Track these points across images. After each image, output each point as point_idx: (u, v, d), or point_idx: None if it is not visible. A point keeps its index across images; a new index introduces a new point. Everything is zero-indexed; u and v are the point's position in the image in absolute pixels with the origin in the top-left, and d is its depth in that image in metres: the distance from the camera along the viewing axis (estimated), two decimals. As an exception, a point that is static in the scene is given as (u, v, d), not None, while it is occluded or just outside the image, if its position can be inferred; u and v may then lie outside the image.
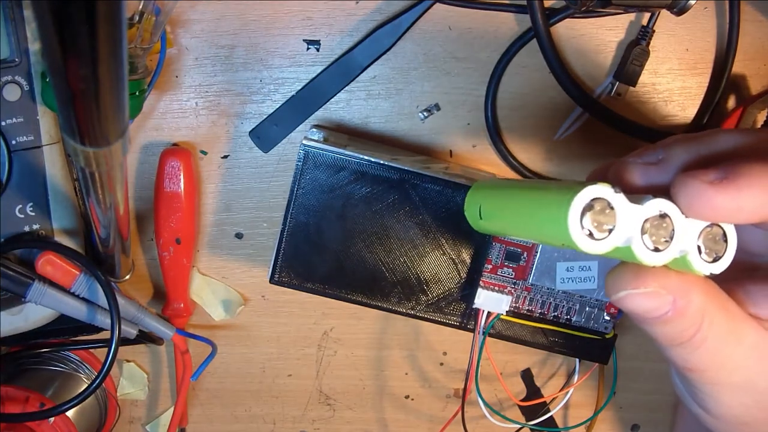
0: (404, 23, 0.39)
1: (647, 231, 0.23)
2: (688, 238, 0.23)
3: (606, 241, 0.22)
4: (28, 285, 0.37)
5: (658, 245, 0.23)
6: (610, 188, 0.22)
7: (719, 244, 0.23)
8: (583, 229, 0.22)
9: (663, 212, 0.23)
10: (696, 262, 0.23)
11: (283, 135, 0.41)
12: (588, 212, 0.22)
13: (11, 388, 0.40)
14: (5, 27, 0.35)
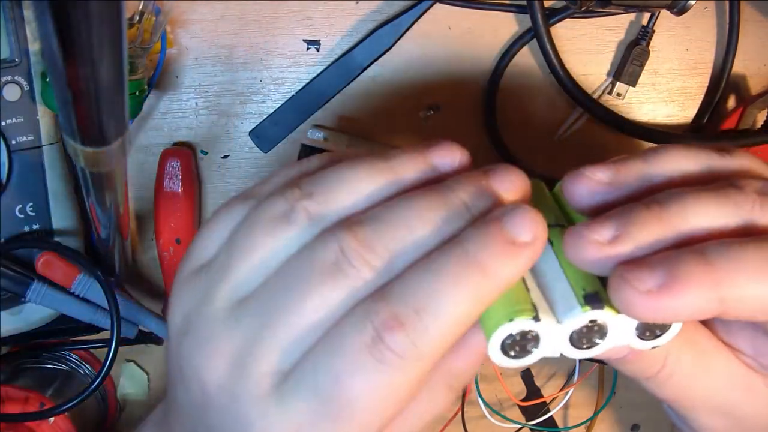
0: (404, 23, 0.39)
1: (575, 340, 0.22)
2: (624, 328, 0.22)
3: (531, 357, 0.22)
4: (28, 285, 0.37)
5: (590, 345, 0.22)
6: (529, 320, 0.21)
7: (660, 325, 0.22)
8: (507, 355, 0.22)
9: (591, 321, 0.22)
10: (636, 344, 0.22)
11: (283, 135, 0.41)
12: (509, 341, 0.22)
13: (11, 388, 0.40)
14: (5, 27, 0.35)
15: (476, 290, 0.21)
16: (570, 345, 0.22)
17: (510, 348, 0.22)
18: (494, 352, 0.22)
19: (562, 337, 0.22)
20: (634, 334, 0.22)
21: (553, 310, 0.22)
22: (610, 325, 0.22)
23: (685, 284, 0.20)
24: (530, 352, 0.22)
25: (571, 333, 0.22)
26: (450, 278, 0.21)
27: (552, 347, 0.22)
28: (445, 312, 0.20)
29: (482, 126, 0.42)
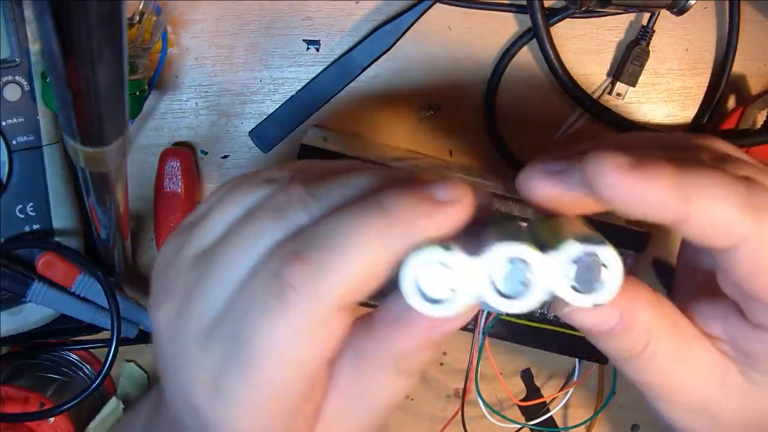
0: (404, 23, 0.39)
1: (498, 280, 0.20)
2: (553, 274, 0.20)
3: (451, 303, 0.20)
4: (29, 285, 0.38)
5: (515, 293, 0.20)
6: (439, 248, 0.20)
7: (596, 272, 0.20)
8: (424, 298, 0.20)
9: (514, 257, 0.20)
10: (570, 297, 0.20)
11: (283, 135, 0.41)
12: (424, 279, 0.20)
13: (11, 388, 0.40)
14: (6, 27, 0.35)
15: (383, 235, 0.20)
16: (493, 290, 0.20)
17: (426, 287, 0.20)
18: (411, 294, 0.20)
19: (482, 277, 0.20)
20: (566, 284, 0.20)
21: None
22: (535, 267, 0.20)
23: (655, 169, 0.20)
24: (449, 297, 0.20)
25: (491, 271, 0.20)
26: (358, 221, 0.21)
27: (473, 289, 0.20)
28: (347, 251, 0.20)
29: (482, 126, 0.42)
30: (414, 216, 0.20)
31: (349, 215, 0.21)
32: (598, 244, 0.20)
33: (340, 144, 0.38)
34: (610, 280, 0.20)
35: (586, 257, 0.20)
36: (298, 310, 0.20)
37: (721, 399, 0.25)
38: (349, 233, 0.20)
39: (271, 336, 0.21)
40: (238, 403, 0.22)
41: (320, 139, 0.38)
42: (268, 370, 0.21)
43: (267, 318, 0.21)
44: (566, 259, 0.20)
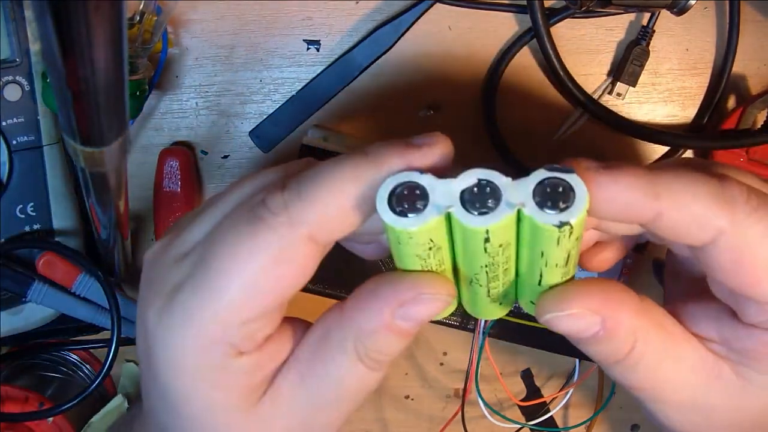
0: (404, 23, 0.39)
1: (469, 199, 0.21)
2: (521, 194, 0.21)
3: (422, 215, 0.21)
4: (29, 285, 0.38)
5: (484, 209, 0.21)
6: (415, 172, 0.21)
7: (563, 194, 0.21)
8: (395, 212, 0.21)
9: (480, 179, 0.21)
10: (537, 215, 0.21)
11: (283, 135, 0.41)
12: (395, 197, 0.21)
13: (11, 387, 0.40)
14: (6, 27, 0.35)
15: (357, 170, 0.22)
16: (462, 207, 0.21)
17: (398, 203, 0.21)
18: (382, 207, 0.21)
19: (451, 194, 0.21)
20: (532, 200, 0.21)
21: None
22: (503, 188, 0.21)
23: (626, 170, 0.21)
24: (419, 210, 0.21)
25: (462, 192, 0.21)
26: (339, 161, 0.22)
27: (442, 204, 0.21)
28: (322, 183, 0.22)
29: (482, 126, 0.42)
30: (387, 154, 0.22)
31: (329, 161, 0.22)
32: (564, 171, 0.21)
33: (340, 144, 0.38)
34: (577, 200, 0.21)
35: (553, 181, 0.21)
36: (269, 230, 0.21)
37: (713, 398, 0.25)
38: (327, 170, 0.22)
39: (236, 253, 0.21)
40: (182, 324, 0.22)
41: (320, 139, 0.38)
42: (223, 288, 0.22)
43: (237, 236, 0.22)
44: (534, 182, 0.21)
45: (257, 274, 0.21)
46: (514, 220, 0.21)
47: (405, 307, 0.22)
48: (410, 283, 0.22)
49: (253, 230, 0.21)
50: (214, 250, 0.22)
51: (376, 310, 0.22)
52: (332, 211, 0.22)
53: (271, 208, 0.22)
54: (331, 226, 0.22)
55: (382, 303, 0.22)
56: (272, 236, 0.21)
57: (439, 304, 0.23)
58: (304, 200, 0.21)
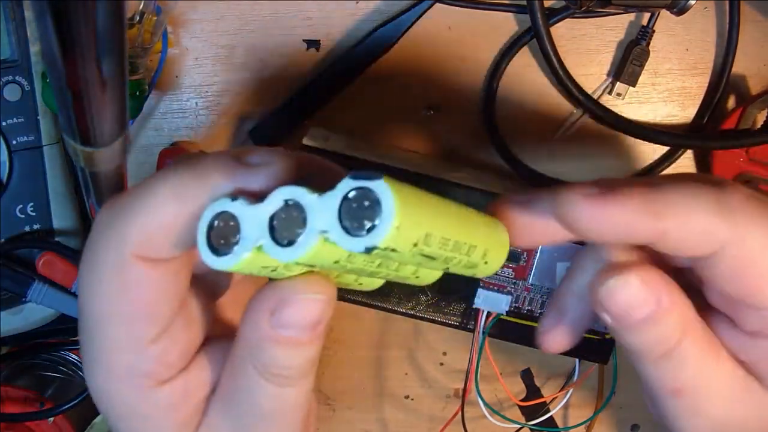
0: (404, 23, 0.39)
1: (277, 227, 0.19)
2: (326, 216, 0.18)
3: (233, 255, 0.19)
4: (29, 285, 0.38)
5: (293, 237, 0.19)
6: (227, 199, 0.20)
7: (370, 210, 0.18)
8: (214, 250, 0.20)
9: (287, 200, 0.19)
10: (342, 241, 0.18)
11: (283, 135, 0.41)
12: (214, 231, 0.20)
13: (11, 388, 0.40)
14: (6, 27, 0.35)
15: (180, 186, 0.20)
16: (270, 238, 0.19)
17: (216, 238, 0.20)
18: (199, 244, 0.20)
19: (260, 222, 0.19)
20: (337, 223, 0.18)
21: None
22: (309, 209, 0.19)
23: (625, 193, 0.21)
24: (235, 244, 0.19)
25: (271, 219, 0.19)
26: (164, 173, 0.21)
27: (253, 237, 0.19)
28: (144, 198, 0.21)
29: (482, 126, 0.42)
30: (212, 171, 0.20)
31: (162, 171, 0.21)
32: (369, 179, 0.18)
33: (340, 144, 0.38)
34: (384, 216, 0.18)
35: (360, 194, 0.18)
36: (98, 255, 0.21)
37: (746, 411, 0.24)
38: (151, 184, 0.21)
39: (87, 286, 0.22)
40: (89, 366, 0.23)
41: (320, 139, 0.38)
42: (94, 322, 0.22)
43: (83, 268, 0.22)
44: (339, 197, 0.18)
45: (111, 307, 0.21)
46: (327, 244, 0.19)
47: (278, 314, 0.21)
48: (278, 288, 0.21)
49: (91, 263, 0.21)
50: (79, 296, 0.22)
51: (254, 322, 0.21)
52: (153, 229, 0.20)
53: (97, 230, 0.21)
54: (157, 242, 0.21)
55: (258, 314, 0.21)
56: (105, 265, 0.21)
57: (314, 304, 0.21)
58: (124, 217, 0.21)
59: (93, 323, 0.22)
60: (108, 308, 0.21)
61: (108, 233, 0.21)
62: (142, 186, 0.21)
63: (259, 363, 0.22)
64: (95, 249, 0.21)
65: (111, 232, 0.21)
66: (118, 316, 0.21)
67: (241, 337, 0.22)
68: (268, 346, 0.21)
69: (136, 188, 0.21)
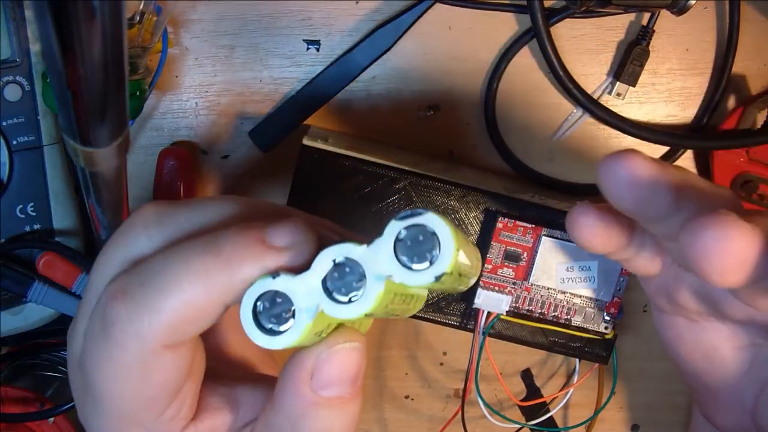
0: (404, 23, 0.39)
1: (332, 288, 0.19)
2: (383, 261, 0.19)
3: (295, 328, 0.19)
4: (29, 285, 0.38)
5: (351, 292, 0.19)
6: (267, 278, 0.19)
7: (427, 243, 0.19)
8: (267, 332, 0.19)
9: (335, 260, 0.19)
10: (410, 279, 0.19)
11: (283, 135, 0.41)
12: (262, 314, 0.19)
13: (11, 388, 0.40)
14: (6, 27, 0.35)
15: (206, 274, 0.20)
16: (329, 299, 0.19)
17: (265, 320, 0.19)
18: (250, 330, 0.19)
19: (313, 289, 0.19)
20: (397, 264, 0.19)
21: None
22: (362, 261, 0.19)
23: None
24: (288, 318, 0.19)
25: (323, 282, 0.19)
26: (184, 258, 0.20)
27: (310, 306, 0.19)
28: (167, 289, 0.20)
29: (482, 126, 0.42)
30: (240, 257, 0.20)
31: (178, 251, 0.20)
32: (416, 216, 0.19)
33: (340, 144, 0.38)
34: (444, 249, 0.19)
35: (411, 232, 0.19)
36: (121, 348, 0.20)
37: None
38: (171, 271, 0.20)
39: (104, 374, 0.21)
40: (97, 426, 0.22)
41: (320, 139, 0.38)
42: (111, 404, 0.21)
43: (97, 356, 0.21)
44: (390, 241, 0.19)
45: (133, 394, 0.21)
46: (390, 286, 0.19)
47: (318, 373, 0.20)
48: (312, 349, 0.20)
49: (109, 352, 0.20)
50: (89, 375, 0.21)
51: (294, 389, 0.20)
52: (177, 320, 0.20)
53: (116, 324, 0.20)
54: (183, 330, 0.20)
55: (296, 380, 0.20)
56: (128, 356, 0.20)
57: (352, 353, 0.20)
58: (148, 312, 0.20)
59: (108, 404, 0.21)
60: (129, 395, 0.21)
61: (130, 328, 0.20)
62: (160, 273, 0.20)
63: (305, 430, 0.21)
64: (113, 341, 0.20)
65: (135, 327, 0.20)
66: (138, 400, 0.21)
67: (279, 407, 0.21)
68: (312, 413, 0.20)
69: (153, 277, 0.20)
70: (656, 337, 0.30)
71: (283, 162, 0.42)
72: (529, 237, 0.38)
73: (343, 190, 0.38)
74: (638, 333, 0.45)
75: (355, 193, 0.37)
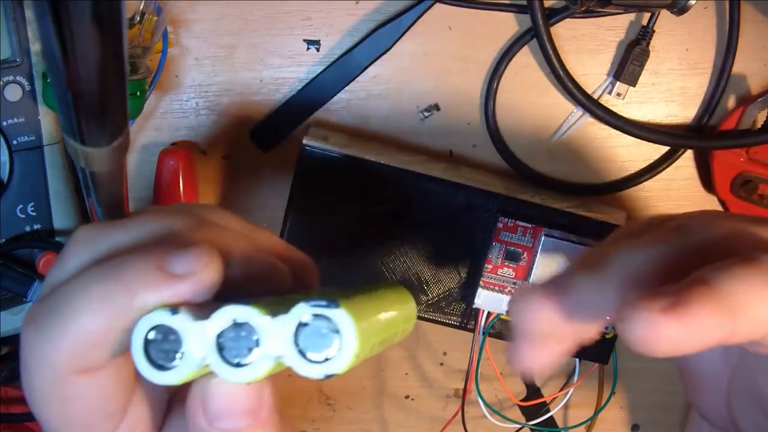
0: (404, 23, 0.39)
1: (225, 345, 0.19)
2: (280, 340, 0.18)
3: (179, 370, 0.19)
4: (30, 285, 0.38)
5: (241, 359, 0.19)
6: (166, 312, 0.19)
7: (328, 338, 0.18)
8: (154, 365, 0.19)
9: (236, 320, 0.19)
10: (300, 367, 0.18)
11: (283, 135, 0.41)
12: (152, 344, 0.19)
13: (11, 388, 0.40)
14: (7, 27, 0.35)
15: (105, 301, 0.20)
16: (218, 356, 0.19)
17: (155, 352, 0.19)
18: (137, 360, 0.19)
19: (206, 340, 0.19)
20: (293, 348, 0.18)
21: None
22: (261, 331, 0.18)
23: (700, 300, 0.19)
24: (176, 358, 0.19)
25: (218, 337, 0.19)
26: (86, 284, 0.20)
27: (199, 354, 0.19)
28: (68, 316, 0.20)
29: (482, 126, 0.42)
30: (139, 286, 0.20)
31: (83, 276, 0.20)
32: (327, 308, 0.18)
33: (340, 144, 0.38)
34: (343, 347, 0.18)
35: (317, 321, 0.18)
36: (36, 377, 0.21)
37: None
38: (73, 297, 0.20)
39: (33, 401, 0.21)
40: None
41: (320, 139, 0.38)
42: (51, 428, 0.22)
43: (24, 385, 0.21)
44: (294, 323, 0.18)
45: (63, 419, 0.21)
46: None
47: (207, 406, 0.20)
48: (197, 381, 0.20)
49: (29, 381, 0.21)
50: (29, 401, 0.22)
51: (192, 422, 0.20)
52: (81, 344, 0.20)
53: (28, 351, 0.20)
54: (89, 356, 0.20)
55: (192, 411, 0.20)
56: (43, 383, 0.21)
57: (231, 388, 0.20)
58: (51, 339, 0.20)
59: (50, 428, 0.22)
60: (59, 419, 0.21)
61: (37, 354, 0.20)
62: (63, 299, 0.20)
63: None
64: (29, 368, 0.21)
65: (40, 354, 0.20)
66: (71, 424, 0.21)
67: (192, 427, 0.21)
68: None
69: (57, 301, 0.20)
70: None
71: (283, 162, 0.42)
72: (529, 237, 0.38)
73: (343, 190, 0.38)
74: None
75: (354, 192, 0.37)
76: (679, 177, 0.43)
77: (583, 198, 0.41)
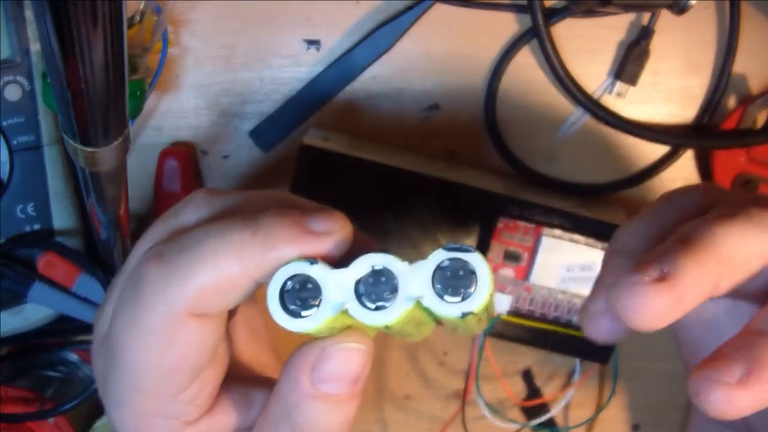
0: (404, 23, 0.39)
1: (363, 292, 0.20)
2: (419, 282, 0.20)
3: (315, 316, 0.20)
4: (30, 285, 0.38)
5: (380, 302, 0.20)
6: (305, 263, 0.20)
7: (465, 279, 0.20)
8: (288, 312, 0.20)
9: (375, 267, 0.20)
10: (438, 306, 0.20)
11: (283, 135, 0.41)
12: (288, 293, 0.20)
13: (11, 388, 0.40)
14: (6, 27, 0.35)
15: (242, 251, 0.20)
16: (357, 301, 0.20)
17: (290, 300, 0.20)
18: (272, 306, 0.20)
19: (345, 287, 0.20)
20: (431, 289, 0.20)
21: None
22: (400, 276, 0.20)
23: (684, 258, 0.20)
24: (312, 307, 0.20)
25: (357, 283, 0.20)
26: (223, 231, 0.21)
27: (335, 301, 0.20)
28: (201, 259, 0.20)
29: (482, 126, 0.42)
30: (279, 239, 0.20)
31: (218, 224, 0.21)
32: (463, 251, 0.20)
33: (340, 144, 0.38)
34: (480, 287, 0.20)
35: (454, 264, 0.20)
36: (148, 312, 0.21)
37: None
38: (209, 241, 0.21)
39: (128, 345, 0.21)
40: (117, 405, 0.23)
41: (320, 139, 0.38)
42: (132, 373, 0.22)
43: (124, 320, 0.21)
44: (432, 266, 0.20)
45: (155, 361, 0.21)
46: (416, 307, 0.20)
47: (319, 367, 0.21)
48: (319, 341, 0.21)
49: (137, 314, 0.21)
50: (114, 341, 0.22)
51: (294, 378, 0.21)
52: (207, 290, 0.20)
53: (148, 286, 0.21)
54: (211, 300, 0.21)
55: (298, 370, 0.21)
56: (154, 319, 0.21)
57: (356, 354, 0.21)
58: (180, 277, 0.20)
59: (129, 372, 0.22)
60: (151, 362, 0.21)
61: (157, 289, 0.21)
62: (200, 241, 0.21)
63: (296, 424, 0.21)
64: (142, 303, 0.21)
65: (162, 289, 0.20)
66: (159, 369, 0.21)
67: (278, 394, 0.22)
68: (307, 404, 0.21)
69: (190, 245, 0.21)
70: (656, 337, 0.30)
71: (283, 162, 0.42)
72: (529, 237, 0.38)
73: (343, 190, 0.38)
74: (638, 333, 0.45)
75: (354, 192, 0.37)
76: (680, 177, 0.43)
77: (583, 198, 0.41)
